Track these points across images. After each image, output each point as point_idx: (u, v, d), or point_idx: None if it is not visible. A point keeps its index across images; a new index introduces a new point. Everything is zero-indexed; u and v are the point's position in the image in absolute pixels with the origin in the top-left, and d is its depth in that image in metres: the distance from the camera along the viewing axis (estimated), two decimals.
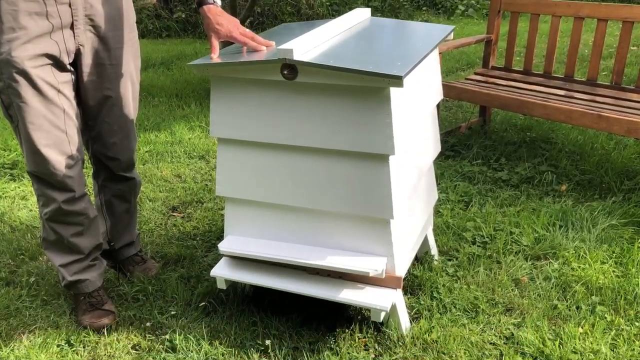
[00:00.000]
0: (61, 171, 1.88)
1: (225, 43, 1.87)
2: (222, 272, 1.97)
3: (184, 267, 2.35)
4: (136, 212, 2.34)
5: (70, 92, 1.89)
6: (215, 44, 1.78)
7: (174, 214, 2.84)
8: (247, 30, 1.81)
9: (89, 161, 2.19)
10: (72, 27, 1.83)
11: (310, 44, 1.71)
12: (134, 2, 1.89)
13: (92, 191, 2.41)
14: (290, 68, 1.65)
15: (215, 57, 1.76)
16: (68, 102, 1.87)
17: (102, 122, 2.02)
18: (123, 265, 2.32)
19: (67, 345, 1.98)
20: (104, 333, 2.00)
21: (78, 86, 1.95)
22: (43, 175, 1.89)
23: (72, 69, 1.89)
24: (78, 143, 1.91)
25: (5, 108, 1.86)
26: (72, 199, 1.94)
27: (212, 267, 2.18)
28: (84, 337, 2.00)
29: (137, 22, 2.07)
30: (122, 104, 2.03)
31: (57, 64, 1.83)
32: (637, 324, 1.93)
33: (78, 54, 1.89)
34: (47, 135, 1.84)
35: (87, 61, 1.91)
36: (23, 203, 3.01)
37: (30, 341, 1.99)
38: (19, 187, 3.18)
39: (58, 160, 1.87)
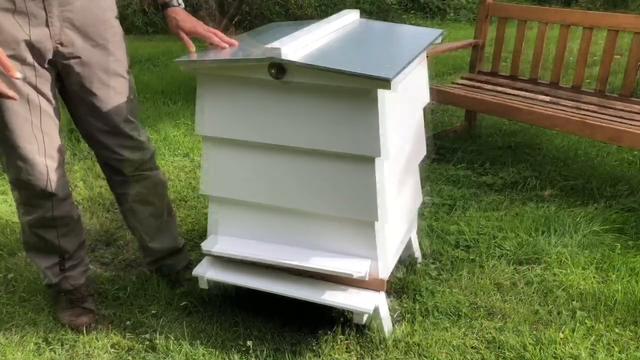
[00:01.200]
0: (46, 175, 1.81)
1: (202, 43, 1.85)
2: (204, 271, 1.95)
3: None
4: (172, 217, 2.18)
5: (49, 92, 1.79)
6: (186, 38, 1.83)
7: None
8: (212, 28, 1.85)
9: (103, 173, 2.06)
10: (46, 24, 1.72)
11: (299, 44, 1.70)
12: None
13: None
14: (278, 67, 1.64)
15: (193, 50, 1.81)
16: (47, 103, 1.79)
17: (97, 122, 1.90)
18: (175, 279, 2.19)
19: (44, 343, 1.95)
20: (82, 331, 1.97)
21: (65, 90, 1.87)
22: (28, 182, 1.80)
23: (49, 68, 1.78)
24: (59, 144, 1.85)
25: None
26: (56, 204, 1.87)
27: (194, 266, 2.16)
28: (62, 335, 1.97)
29: (123, 18, 2.02)
30: (116, 99, 1.90)
31: (33, 65, 1.73)
32: (616, 330, 1.95)
33: (58, 53, 1.78)
34: (29, 139, 1.77)
35: (69, 61, 1.80)
36: (2, 198, 2.96)
37: (6, 339, 1.96)
38: None
39: (43, 163, 1.80)
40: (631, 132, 2.62)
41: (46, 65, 1.78)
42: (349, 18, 2.14)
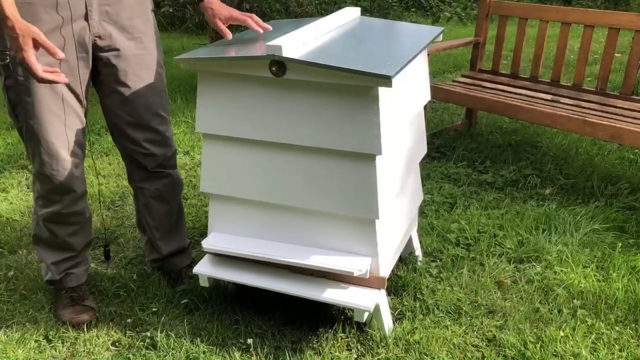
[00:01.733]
0: (69, 171, 1.85)
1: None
2: (205, 269, 1.95)
3: None
4: (182, 217, 2.21)
5: (83, 89, 1.83)
6: (223, 27, 1.87)
7: None
8: (246, 13, 1.90)
9: (124, 166, 2.08)
10: (86, 17, 1.76)
11: (300, 42, 1.70)
12: None
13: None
14: (278, 65, 1.64)
15: (230, 36, 1.86)
16: (77, 101, 1.83)
17: (128, 116, 1.92)
18: (177, 277, 2.21)
19: (45, 340, 1.95)
20: (83, 329, 1.97)
21: (98, 81, 1.89)
22: (51, 176, 1.83)
23: (86, 61, 1.81)
24: (83, 141, 1.89)
25: (12, 107, 1.80)
26: (74, 199, 1.90)
27: (195, 264, 2.16)
28: (63, 332, 1.97)
29: None
30: (153, 93, 1.94)
31: (69, 60, 1.76)
32: (617, 328, 1.95)
33: (96, 47, 1.81)
34: (57, 134, 1.80)
35: (106, 53, 1.83)
36: (3, 195, 2.96)
37: (7, 336, 1.96)
38: None
39: (67, 159, 1.84)
40: (632, 131, 2.62)
41: (83, 59, 1.80)
42: (350, 16, 2.14)
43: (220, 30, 1.90)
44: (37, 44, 1.58)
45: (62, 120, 1.80)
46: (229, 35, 1.88)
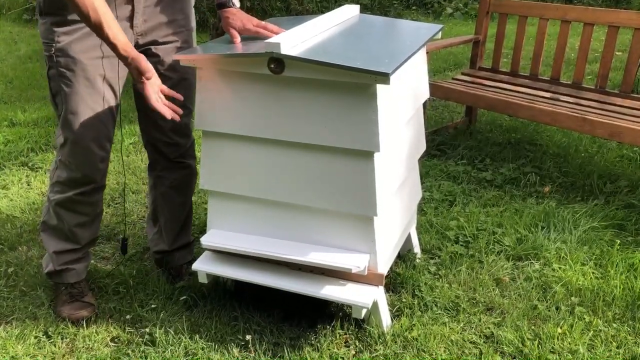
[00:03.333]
0: (96, 164, 1.89)
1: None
2: (203, 266, 1.96)
3: None
4: (191, 213, 2.27)
5: (118, 87, 1.88)
6: (234, 32, 1.88)
7: None
8: (262, 22, 1.90)
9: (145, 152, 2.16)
10: (130, 19, 1.83)
11: (298, 39, 1.71)
12: None
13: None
14: (277, 62, 1.64)
15: (238, 41, 1.85)
16: (114, 97, 1.87)
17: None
18: (177, 272, 2.23)
19: (44, 336, 1.96)
20: (82, 325, 1.98)
21: None
22: (76, 166, 1.88)
23: None
24: (111, 136, 1.94)
25: (53, 95, 1.86)
26: (91, 190, 1.94)
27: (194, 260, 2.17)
28: (62, 329, 1.97)
29: None
30: (185, 85, 1.99)
31: (110, 57, 1.80)
32: (614, 325, 1.95)
33: (137, 45, 1.87)
34: (91, 127, 1.84)
35: (145, 47, 1.89)
36: (3, 192, 2.96)
37: (7, 332, 1.97)
38: (0, 177, 3.14)
39: (96, 153, 1.88)
40: (631, 129, 2.62)
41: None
42: (349, 13, 2.14)
43: (230, 35, 1.90)
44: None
45: (97, 114, 1.85)
46: (237, 39, 1.86)
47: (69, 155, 1.88)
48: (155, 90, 1.75)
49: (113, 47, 1.67)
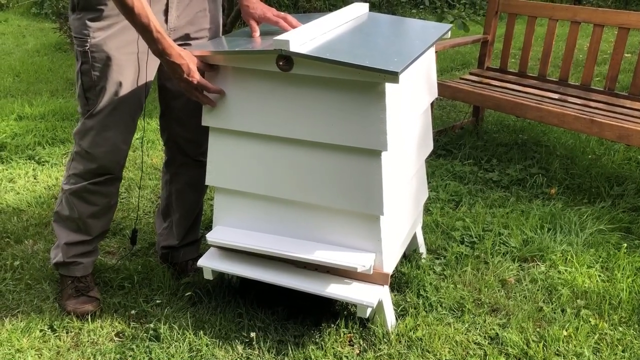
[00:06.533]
0: (117, 158, 1.90)
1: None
2: (209, 262, 1.96)
3: None
4: (202, 211, 2.28)
5: (151, 79, 1.89)
6: (254, 24, 1.89)
7: None
8: (281, 13, 1.91)
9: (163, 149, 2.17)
10: (165, 12, 1.83)
11: (307, 37, 1.70)
12: None
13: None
14: (286, 59, 1.64)
15: (257, 35, 1.86)
16: (144, 93, 1.89)
17: (187, 101, 1.97)
18: (183, 269, 2.23)
19: (50, 330, 1.96)
20: (87, 319, 1.99)
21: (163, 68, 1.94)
22: (97, 157, 1.88)
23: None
24: (134, 131, 1.95)
25: (84, 90, 1.85)
26: (107, 181, 1.95)
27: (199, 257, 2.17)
28: (67, 322, 1.98)
29: None
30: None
31: (145, 52, 1.82)
32: (620, 328, 1.94)
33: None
34: (119, 122, 1.86)
35: (178, 42, 1.88)
36: (10, 186, 2.97)
37: (12, 325, 1.97)
38: (6, 170, 3.15)
39: (121, 148, 1.90)
40: None
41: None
42: (358, 11, 2.13)
43: (250, 26, 1.91)
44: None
45: (127, 110, 1.86)
46: (256, 32, 1.88)
47: (92, 146, 1.87)
48: (194, 86, 1.74)
49: (156, 41, 1.64)
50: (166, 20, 1.85)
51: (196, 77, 1.71)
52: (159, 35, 1.64)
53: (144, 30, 1.64)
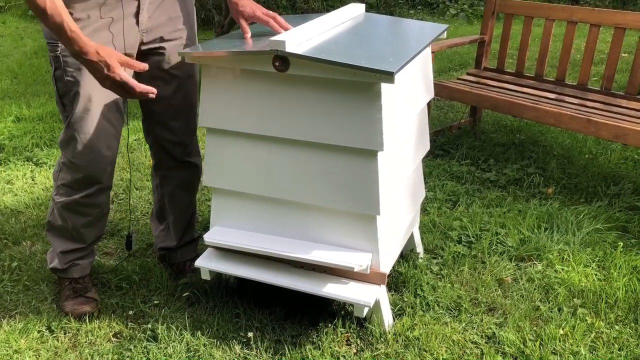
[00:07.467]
0: (102, 165, 1.87)
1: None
2: (206, 263, 1.96)
3: None
4: (196, 210, 2.26)
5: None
6: (244, 25, 1.88)
7: None
8: (270, 12, 1.90)
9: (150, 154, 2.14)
10: (136, 15, 1.81)
11: (303, 37, 1.71)
12: None
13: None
14: (282, 60, 1.64)
15: (249, 36, 1.84)
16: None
17: (167, 105, 1.96)
18: (180, 269, 2.23)
19: (47, 331, 1.96)
20: (85, 320, 1.99)
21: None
22: (82, 167, 1.86)
23: (132, 56, 1.86)
24: (119, 136, 1.92)
25: (60, 96, 1.83)
26: (96, 192, 1.92)
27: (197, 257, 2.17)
28: (65, 323, 1.98)
29: None
30: (189, 83, 1.98)
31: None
32: (616, 327, 1.95)
33: (142, 42, 1.86)
34: (98, 128, 1.83)
35: (150, 45, 1.88)
36: (8, 187, 2.98)
37: (10, 326, 1.98)
38: (4, 171, 3.15)
39: (104, 154, 1.87)
40: (636, 131, 2.61)
41: (130, 54, 1.84)
42: (354, 12, 2.14)
43: (240, 26, 1.90)
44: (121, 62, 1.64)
45: (105, 114, 1.84)
46: (248, 33, 1.87)
47: (75, 156, 1.85)
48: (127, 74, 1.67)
49: (72, 40, 1.58)
50: (137, 22, 1.82)
51: (117, 72, 1.62)
52: (73, 34, 1.59)
53: (59, 30, 1.58)
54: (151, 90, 1.68)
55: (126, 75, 1.64)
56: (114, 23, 1.77)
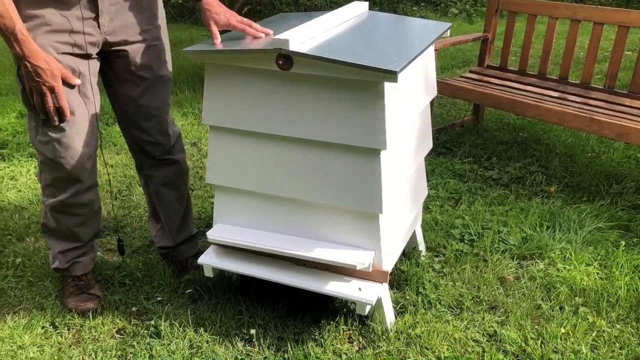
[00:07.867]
0: (79, 161, 1.85)
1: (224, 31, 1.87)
2: (209, 260, 1.97)
3: None
4: (190, 205, 2.25)
5: (94, 80, 1.86)
6: (216, 31, 1.83)
7: None
8: (245, 19, 1.85)
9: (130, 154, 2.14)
10: (96, 18, 1.78)
11: (307, 35, 1.71)
12: None
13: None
14: (285, 58, 1.65)
15: (219, 42, 1.79)
16: (91, 92, 1.85)
17: (138, 106, 1.96)
18: (183, 266, 2.23)
19: (51, 327, 1.98)
20: (89, 316, 2.00)
21: (109, 72, 1.92)
22: (59, 164, 1.84)
23: (97, 57, 1.85)
24: (96, 132, 1.90)
25: (26, 95, 1.81)
26: (81, 191, 1.91)
27: (200, 254, 2.18)
28: (69, 319, 2.00)
29: None
30: (158, 83, 1.97)
31: (81, 54, 1.79)
32: (618, 326, 1.95)
33: (106, 43, 1.84)
34: (71, 123, 1.81)
35: (116, 47, 1.86)
36: (12, 183, 2.99)
37: (14, 322, 1.99)
38: (8, 167, 3.16)
39: (78, 150, 1.85)
40: (639, 129, 2.61)
41: (95, 56, 1.83)
42: (358, 10, 2.14)
43: (211, 32, 1.85)
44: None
45: (78, 111, 1.82)
46: (218, 39, 1.80)
47: (53, 154, 1.82)
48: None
49: (21, 42, 1.60)
50: (98, 25, 1.79)
51: (57, 84, 1.69)
52: (24, 37, 1.59)
53: (9, 32, 1.58)
54: (65, 113, 1.76)
55: (62, 91, 1.72)
56: (73, 23, 1.74)
